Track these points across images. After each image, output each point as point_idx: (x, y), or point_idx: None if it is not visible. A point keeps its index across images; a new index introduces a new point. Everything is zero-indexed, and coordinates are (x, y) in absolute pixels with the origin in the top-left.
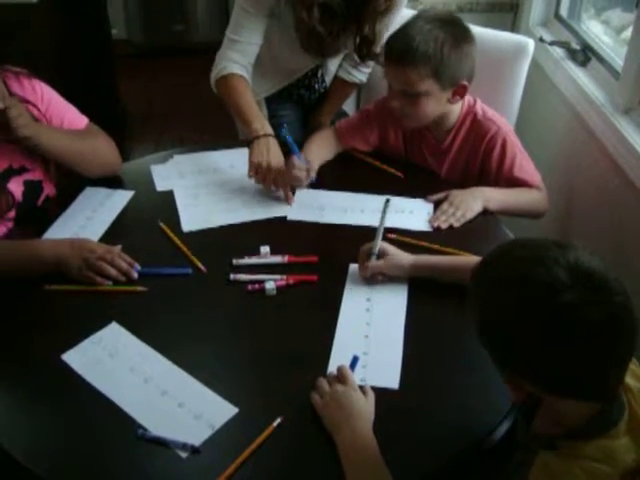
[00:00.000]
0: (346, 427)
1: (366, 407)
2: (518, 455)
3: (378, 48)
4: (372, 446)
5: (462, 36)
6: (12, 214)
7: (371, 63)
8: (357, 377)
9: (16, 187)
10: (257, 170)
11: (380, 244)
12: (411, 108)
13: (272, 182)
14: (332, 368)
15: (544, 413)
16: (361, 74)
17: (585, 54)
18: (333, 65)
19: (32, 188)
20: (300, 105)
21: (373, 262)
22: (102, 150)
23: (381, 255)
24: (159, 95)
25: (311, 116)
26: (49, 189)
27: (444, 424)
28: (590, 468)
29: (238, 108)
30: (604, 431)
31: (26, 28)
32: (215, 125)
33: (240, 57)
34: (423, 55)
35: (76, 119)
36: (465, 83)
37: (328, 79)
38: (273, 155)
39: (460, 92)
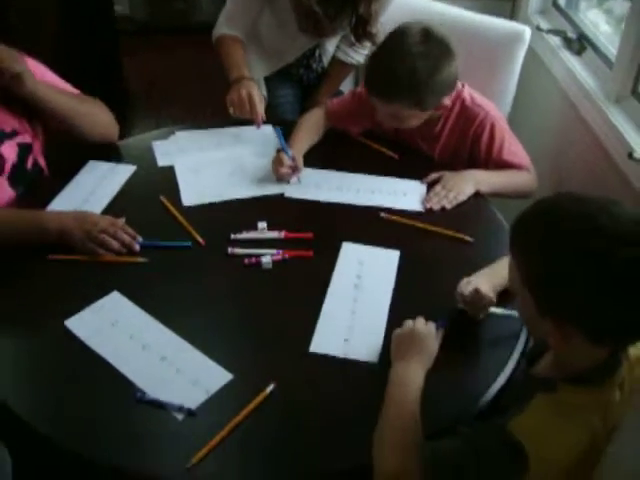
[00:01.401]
0: (407, 359)
1: (431, 354)
2: (508, 397)
3: (374, 28)
4: (417, 384)
5: (443, 57)
6: (6, 174)
7: (368, 44)
8: (339, 350)
9: (10, 149)
10: (232, 104)
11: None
12: (400, 123)
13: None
14: (316, 340)
15: (552, 357)
16: (358, 55)
17: (581, 43)
18: (331, 45)
19: (24, 150)
20: (299, 85)
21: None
22: (99, 114)
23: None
24: (160, 72)
25: (309, 97)
26: (37, 153)
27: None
28: (581, 416)
29: (223, 64)
30: (603, 379)
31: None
32: (217, 102)
33: (234, 19)
34: (405, 91)
35: (68, 89)
36: (447, 102)
37: (326, 59)
38: (245, 90)
39: (444, 106)
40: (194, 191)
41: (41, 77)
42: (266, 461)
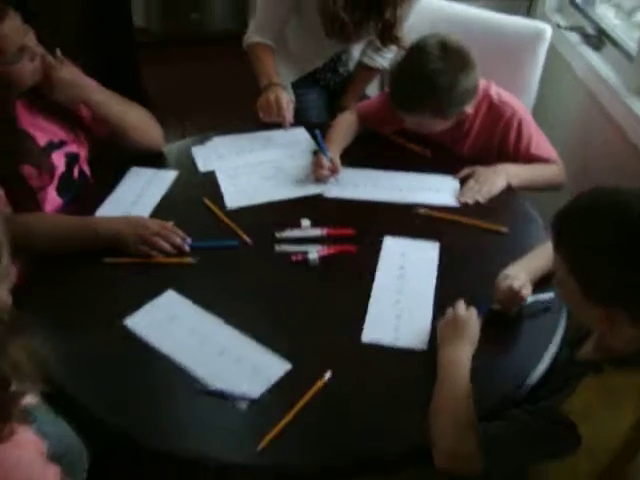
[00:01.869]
0: (453, 343)
1: (474, 337)
2: (555, 380)
3: (400, 32)
4: (465, 366)
5: (461, 69)
6: (55, 184)
7: (393, 48)
8: (389, 338)
9: (59, 159)
10: (261, 108)
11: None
12: (425, 129)
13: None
14: (367, 329)
15: (595, 341)
16: (383, 59)
17: (600, 39)
18: (356, 50)
19: (72, 160)
20: (325, 90)
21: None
22: (148, 121)
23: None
24: (179, 83)
25: (336, 102)
26: (83, 162)
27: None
28: (629, 396)
29: (254, 72)
30: None
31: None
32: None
33: (264, 27)
34: (426, 105)
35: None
36: (469, 110)
37: (351, 63)
38: (273, 95)
39: (466, 113)
40: (236, 194)
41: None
42: (326, 445)
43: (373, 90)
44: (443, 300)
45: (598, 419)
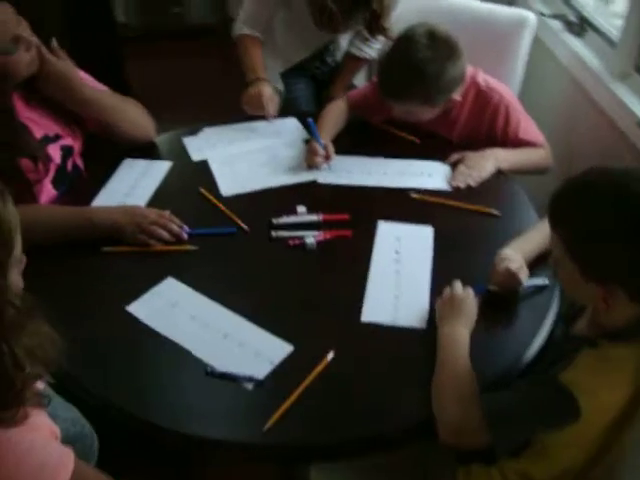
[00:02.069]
0: (451, 322)
1: (472, 315)
2: (551, 355)
3: (387, 22)
4: (465, 343)
5: (449, 57)
6: (51, 176)
7: (381, 38)
8: (388, 318)
9: (55, 152)
10: (245, 102)
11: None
12: (413, 117)
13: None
14: (366, 310)
15: (590, 317)
16: (371, 50)
17: (582, 26)
18: (344, 40)
19: (67, 153)
20: (313, 80)
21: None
22: (139, 113)
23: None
24: (160, 77)
25: (324, 92)
26: (76, 155)
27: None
28: (624, 368)
29: (241, 65)
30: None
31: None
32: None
33: (252, 18)
34: (414, 93)
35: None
36: (457, 97)
37: (339, 53)
38: (256, 89)
39: (454, 100)
40: (230, 182)
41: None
42: (330, 424)
43: (360, 81)
44: (439, 281)
45: (596, 390)
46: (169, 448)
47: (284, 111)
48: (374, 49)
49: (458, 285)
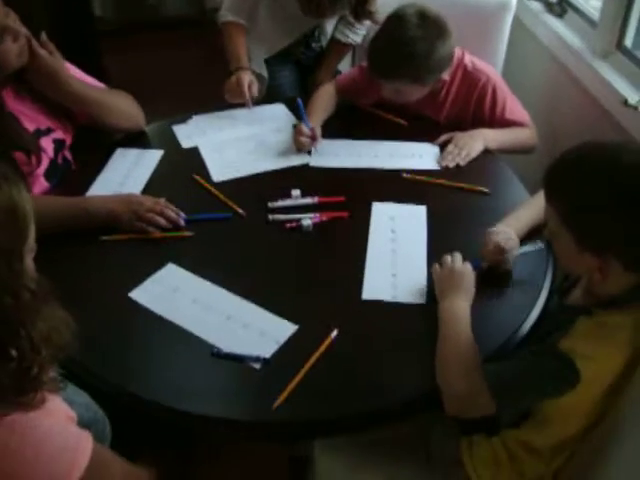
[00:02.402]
0: (451, 296)
1: (471, 288)
2: (547, 326)
3: (373, 7)
4: (465, 316)
5: (439, 37)
6: (43, 169)
7: (366, 23)
8: (388, 295)
9: (47, 145)
10: (226, 91)
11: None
12: (402, 97)
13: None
14: (366, 288)
15: (584, 287)
16: (356, 35)
17: (562, 6)
18: (329, 25)
19: (59, 146)
20: (298, 66)
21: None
22: (127, 104)
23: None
24: (139, 69)
25: (309, 78)
26: (66, 149)
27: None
28: (619, 334)
29: (225, 53)
30: (634, 302)
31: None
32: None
33: (236, 5)
34: (405, 72)
35: (95, 83)
36: (446, 76)
37: (324, 38)
38: (235, 78)
39: (443, 80)
40: (222, 168)
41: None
42: (334, 400)
43: (345, 66)
44: (435, 258)
45: (593, 356)
46: (176, 430)
47: (269, 98)
48: (359, 34)
49: (458, 258)
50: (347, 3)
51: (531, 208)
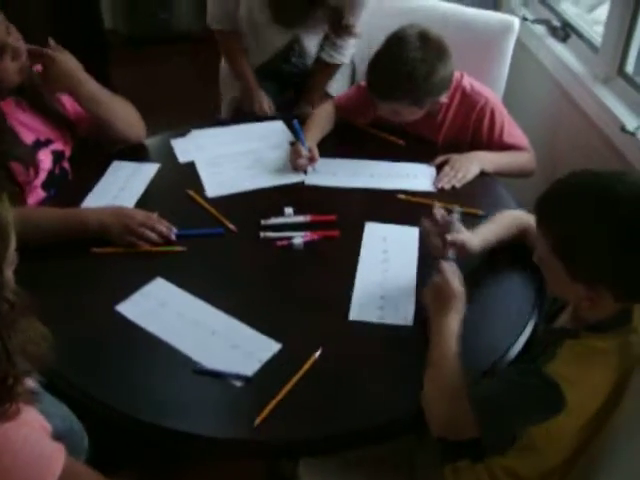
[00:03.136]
0: (440, 315)
1: (460, 295)
2: (534, 350)
3: (350, 21)
4: (453, 336)
5: (439, 60)
6: (41, 180)
7: (352, 42)
8: (375, 316)
9: (46, 156)
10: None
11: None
12: (399, 118)
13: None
14: (354, 308)
15: (571, 312)
16: (341, 55)
17: (565, 31)
18: (310, 42)
19: (57, 157)
20: (278, 79)
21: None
22: (133, 114)
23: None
24: (148, 83)
25: (301, 99)
26: (64, 160)
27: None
28: (606, 359)
29: (227, 60)
30: (620, 325)
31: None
32: (208, 106)
33: (218, 20)
34: (403, 93)
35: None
36: (444, 99)
37: (308, 57)
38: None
39: (441, 103)
40: (217, 183)
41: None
42: (317, 420)
43: (344, 86)
44: (425, 280)
45: (579, 380)
46: (157, 445)
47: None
48: (345, 55)
49: (442, 269)
50: (321, 17)
51: (495, 222)
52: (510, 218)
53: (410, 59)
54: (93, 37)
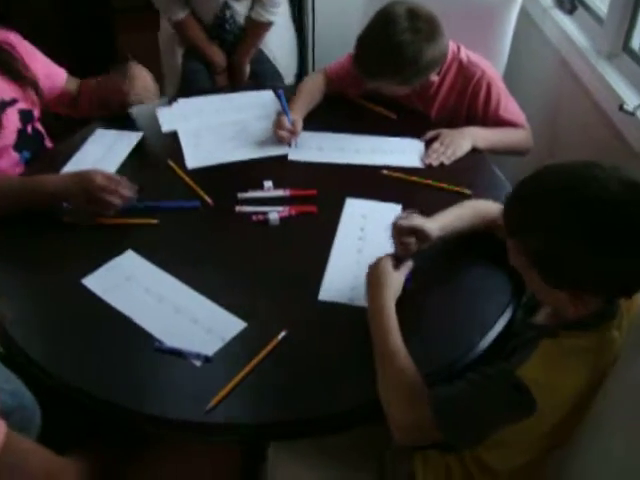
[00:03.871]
0: (373, 295)
1: (392, 278)
2: (513, 343)
3: None
4: (391, 311)
5: (429, 38)
6: (12, 140)
7: (279, 2)
8: (346, 297)
9: (12, 115)
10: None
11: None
12: (387, 92)
13: None
14: (324, 289)
15: (551, 308)
16: (269, 14)
17: (572, 2)
18: (240, 6)
19: (26, 117)
20: (223, 49)
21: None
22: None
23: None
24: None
25: (230, 58)
26: (36, 121)
27: (428, 344)
28: (584, 358)
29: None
30: (602, 323)
31: None
32: None
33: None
34: (390, 73)
35: (58, 70)
36: (434, 78)
37: (240, 19)
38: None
39: (430, 81)
40: (198, 154)
41: (31, 60)
42: (279, 403)
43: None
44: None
45: (552, 385)
46: (118, 424)
47: (184, 83)
48: (273, 13)
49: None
50: None
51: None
52: (471, 209)
53: (399, 42)
54: (98, 3)
